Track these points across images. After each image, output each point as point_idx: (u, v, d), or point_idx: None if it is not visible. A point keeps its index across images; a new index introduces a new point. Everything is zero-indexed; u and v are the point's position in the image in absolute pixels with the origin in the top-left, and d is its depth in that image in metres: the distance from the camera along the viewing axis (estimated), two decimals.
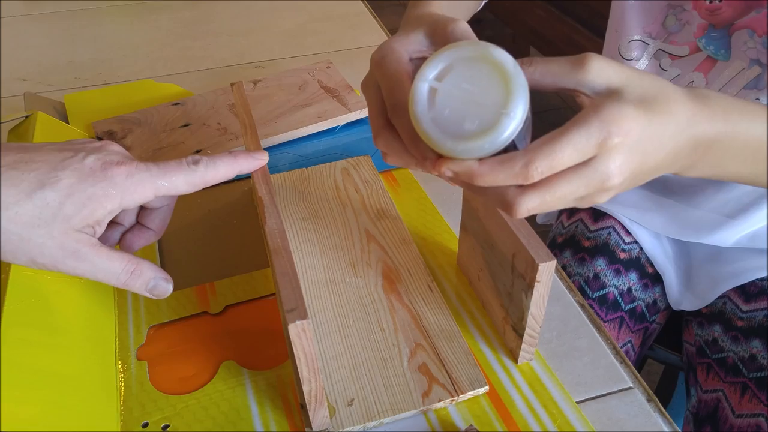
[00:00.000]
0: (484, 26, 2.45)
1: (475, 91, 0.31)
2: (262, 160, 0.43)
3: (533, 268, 0.40)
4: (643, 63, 0.67)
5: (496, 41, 0.33)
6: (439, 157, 0.34)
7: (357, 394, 0.44)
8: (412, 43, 0.39)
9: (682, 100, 0.35)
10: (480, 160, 0.32)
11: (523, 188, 0.33)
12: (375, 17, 1.03)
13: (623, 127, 0.32)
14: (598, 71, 0.33)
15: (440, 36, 0.38)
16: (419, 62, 0.37)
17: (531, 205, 0.33)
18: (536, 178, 0.32)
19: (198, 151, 0.67)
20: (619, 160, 0.33)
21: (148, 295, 0.38)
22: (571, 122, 0.32)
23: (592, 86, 0.34)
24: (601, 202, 0.35)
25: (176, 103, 0.75)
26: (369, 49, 0.92)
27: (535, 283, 0.40)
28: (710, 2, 0.59)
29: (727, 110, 0.37)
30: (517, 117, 0.31)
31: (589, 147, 0.32)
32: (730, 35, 0.60)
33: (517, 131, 0.31)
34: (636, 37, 0.66)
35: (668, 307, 0.76)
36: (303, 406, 0.41)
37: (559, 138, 0.31)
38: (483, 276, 0.49)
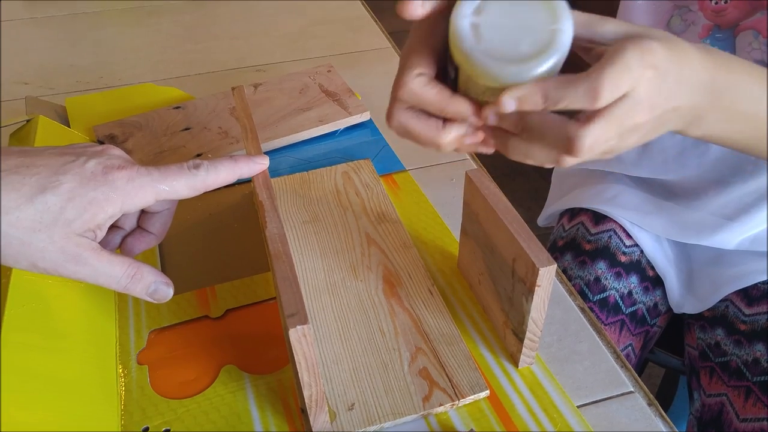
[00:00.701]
0: None
1: (519, 17, 0.31)
2: (262, 164, 0.43)
3: (534, 273, 0.40)
4: None
5: None
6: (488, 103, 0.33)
7: (358, 399, 0.44)
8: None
9: (693, 48, 0.36)
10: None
11: (587, 118, 0.32)
12: (376, 21, 1.03)
13: (657, 55, 0.32)
14: (617, 23, 0.34)
15: None
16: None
17: (597, 134, 0.32)
18: (606, 99, 0.31)
19: (199, 155, 0.67)
20: (653, 90, 0.33)
21: (148, 299, 0.38)
22: (612, 55, 0.31)
23: (614, 34, 0.34)
24: (631, 143, 0.34)
25: (177, 107, 0.75)
26: (370, 52, 0.92)
27: (536, 288, 0.40)
28: (716, 3, 0.60)
29: (731, 66, 0.38)
30: (569, 30, 0.31)
31: (638, 73, 0.31)
32: (734, 36, 0.60)
33: (569, 48, 0.31)
34: None
35: (669, 310, 0.75)
36: (304, 411, 0.41)
37: (615, 63, 0.31)
38: (483, 280, 0.49)
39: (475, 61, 0.31)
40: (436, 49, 0.34)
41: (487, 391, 0.44)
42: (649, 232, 0.74)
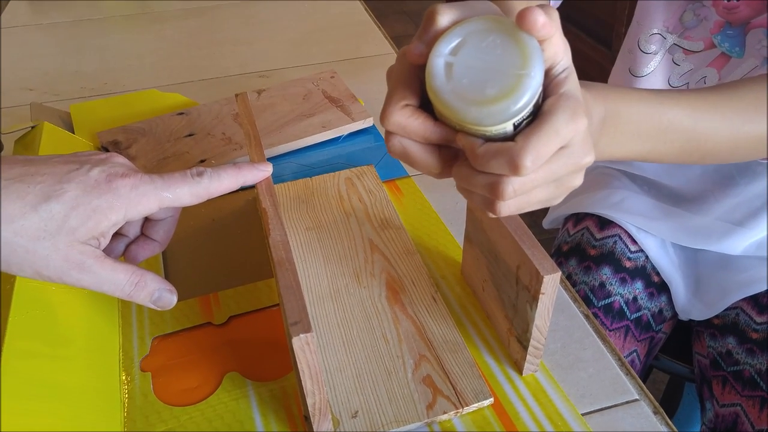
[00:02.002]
0: None
1: (492, 59, 0.32)
2: (266, 171, 0.43)
3: (538, 280, 0.39)
4: (658, 58, 0.67)
5: None
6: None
7: (361, 406, 0.44)
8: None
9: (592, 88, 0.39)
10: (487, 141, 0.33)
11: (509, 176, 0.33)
12: (379, 26, 1.03)
13: (587, 106, 0.33)
14: (563, 65, 0.34)
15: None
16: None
17: (522, 181, 0.33)
18: (529, 169, 0.31)
19: (202, 161, 0.67)
20: (587, 136, 0.34)
21: (152, 306, 0.38)
22: (551, 110, 0.32)
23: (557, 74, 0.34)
24: (578, 185, 0.35)
25: (181, 113, 0.75)
26: (372, 58, 0.93)
27: (540, 295, 0.40)
28: (728, 1, 0.60)
29: (606, 95, 0.41)
30: (536, 77, 0.31)
31: (569, 131, 0.32)
32: (745, 33, 0.60)
33: (537, 94, 0.31)
34: (655, 31, 0.67)
35: (674, 316, 0.75)
36: (307, 418, 0.41)
37: (546, 126, 0.32)
38: (487, 287, 0.49)
39: (443, 99, 0.32)
40: (420, 80, 0.35)
41: (491, 399, 0.44)
42: (655, 238, 0.74)
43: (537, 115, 0.32)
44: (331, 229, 0.58)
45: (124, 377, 0.47)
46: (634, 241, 0.74)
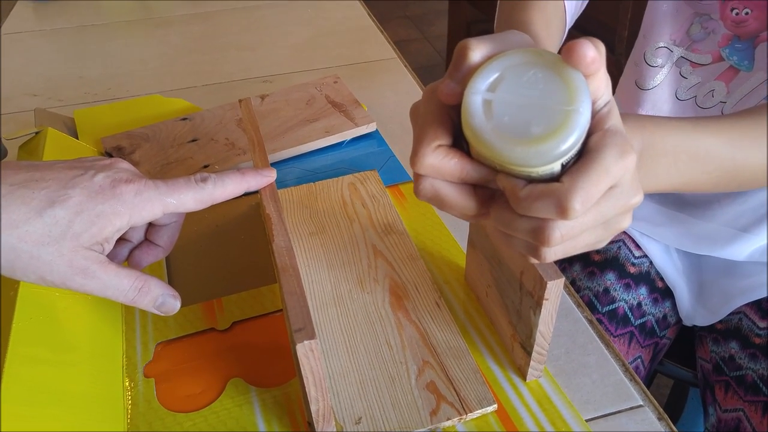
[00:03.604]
0: None
1: (534, 95, 0.30)
2: (270, 177, 0.43)
3: (541, 286, 0.39)
4: (665, 71, 0.67)
5: None
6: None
7: (365, 413, 0.44)
8: None
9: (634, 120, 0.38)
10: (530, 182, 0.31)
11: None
12: (381, 31, 1.03)
13: (633, 144, 0.32)
14: (605, 100, 0.32)
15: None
16: None
17: (570, 225, 0.30)
18: (578, 212, 0.29)
19: (206, 166, 0.67)
20: (636, 174, 0.32)
21: (156, 312, 0.38)
22: (598, 147, 0.30)
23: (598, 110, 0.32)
24: (626, 226, 0.33)
25: (184, 118, 0.75)
26: (375, 62, 0.93)
27: (544, 301, 0.40)
28: (736, 14, 0.60)
29: (643, 125, 0.39)
30: (585, 113, 0.29)
31: (618, 169, 0.30)
32: (754, 47, 0.60)
33: (586, 130, 0.30)
34: (662, 44, 0.67)
35: (678, 321, 0.75)
36: (311, 424, 0.41)
37: (595, 165, 0.29)
38: (491, 293, 0.49)
39: (483, 139, 0.30)
40: (452, 118, 0.33)
41: (495, 405, 0.44)
42: (659, 243, 0.74)
43: (582, 153, 0.30)
44: (335, 234, 0.58)
45: (127, 383, 0.47)
46: (639, 247, 0.74)
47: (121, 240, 0.41)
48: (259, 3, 1.14)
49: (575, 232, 0.30)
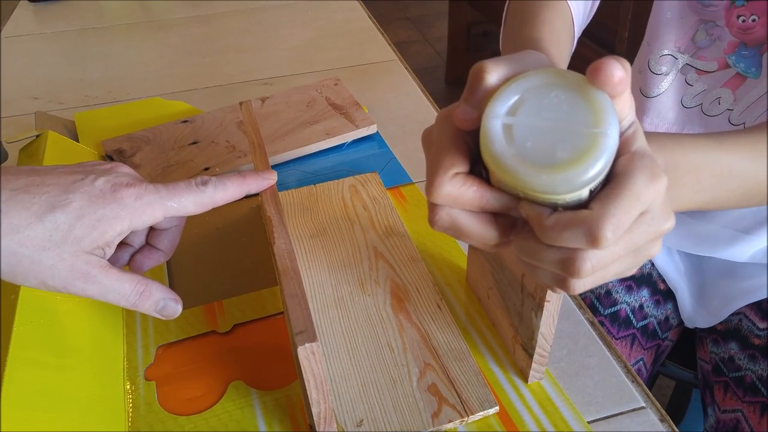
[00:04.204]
0: (491, 39, 2.47)
1: (558, 118, 0.28)
2: (270, 179, 0.43)
3: (543, 288, 0.39)
4: (670, 78, 0.67)
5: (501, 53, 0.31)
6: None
7: (366, 415, 0.43)
8: None
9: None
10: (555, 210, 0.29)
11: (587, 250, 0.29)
12: (382, 33, 1.03)
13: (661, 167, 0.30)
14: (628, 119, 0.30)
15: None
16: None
17: (601, 255, 0.29)
18: (610, 240, 0.27)
19: (206, 169, 0.68)
20: (667, 198, 0.30)
21: (157, 315, 0.38)
22: (627, 171, 0.29)
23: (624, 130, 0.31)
24: (656, 253, 0.32)
25: (185, 121, 0.75)
26: (376, 64, 0.93)
27: (545, 303, 0.40)
28: (742, 21, 0.59)
29: (664, 144, 0.38)
30: (613, 135, 0.27)
31: (650, 194, 0.28)
32: (761, 54, 0.60)
33: (614, 154, 0.28)
34: (666, 52, 0.66)
35: (680, 323, 0.75)
36: (312, 427, 0.41)
37: (625, 190, 0.28)
38: (492, 295, 0.49)
39: (505, 166, 0.28)
40: (468, 143, 0.31)
41: (497, 407, 0.44)
42: (662, 245, 0.74)
43: (610, 177, 0.29)
44: (336, 236, 0.58)
45: (128, 386, 0.47)
46: None
47: (122, 244, 0.41)
48: (259, 5, 1.14)
49: (606, 262, 0.29)
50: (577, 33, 0.58)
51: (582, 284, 0.30)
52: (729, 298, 0.68)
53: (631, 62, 0.75)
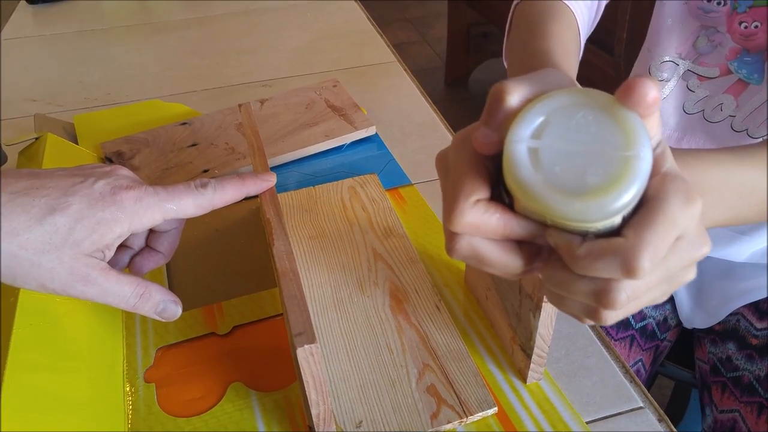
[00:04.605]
0: (490, 40, 2.47)
1: (586, 140, 0.26)
2: (270, 182, 0.43)
3: (541, 288, 0.39)
4: (671, 84, 0.67)
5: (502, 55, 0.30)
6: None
7: (365, 416, 0.44)
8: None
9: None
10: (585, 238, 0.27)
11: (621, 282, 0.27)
12: (381, 34, 1.04)
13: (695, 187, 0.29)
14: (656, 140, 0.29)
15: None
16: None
17: (636, 285, 0.27)
18: (647, 270, 0.26)
19: (205, 171, 0.68)
20: (701, 222, 0.29)
21: (157, 318, 0.39)
22: (660, 194, 0.27)
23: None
24: (690, 279, 0.30)
25: (184, 123, 0.76)
26: (375, 66, 0.93)
27: (543, 304, 0.40)
28: (745, 28, 0.59)
29: (686, 162, 0.37)
30: (646, 158, 0.26)
31: (685, 218, 0.27)
32: (764, 61, 0.59)
33: (648, 177, 0.26)
34: (667, 58, 0.66)
35: (679, 324, 0.75)
36: (311, 428, 0.41)
37: (660, 216, 0.26)
38: (491, 295, 0.49)
39: (533, 193, 0.27)
40: (487, 168, 0.30)
41: (495, 408, 0.44)
42: None
43: (642, 200, 0.27)
44: (335, 237, 0.59)
45: (128, 388, 0.47)
46: None
47: (122, 247, 0.41)
48: (258, 7, 1.14)
49: (641, 292, 0.28)
50: (583, 42, 0.58)
51: (614, 315, 0.29)
52: (727, 299, 0.68)
53: (631, 65, 0.75)
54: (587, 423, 0.44)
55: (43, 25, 1.11)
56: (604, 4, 0.62)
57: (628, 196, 0.26)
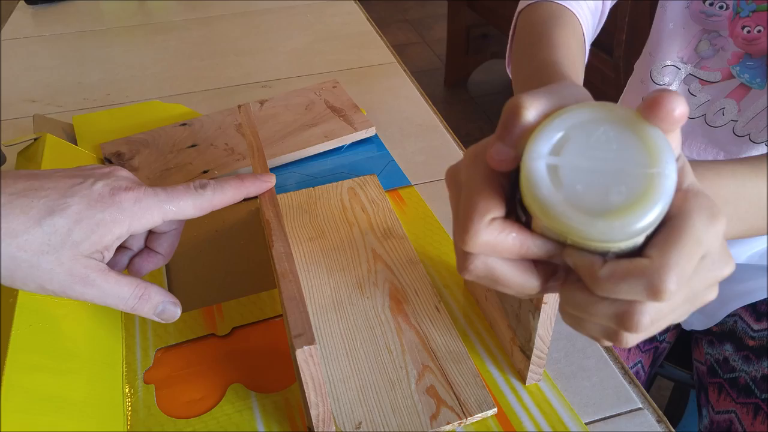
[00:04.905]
0: (489, 42, 2.47)
1: (609, 157, 0.26)
2: (269, 182, 0.43)
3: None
4: (673, 88, 0.66)
5: (503, 56, 0.29)
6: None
7: (365, 417, 0.44)
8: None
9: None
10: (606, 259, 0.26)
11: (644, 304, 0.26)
12: (380, 35, 1.04)
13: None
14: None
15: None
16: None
17: (659, 308, 0.26)
18: (673, 293, 0.25)
19: (205, 172, 0.68)
20: (725, 240, 0.28)
21: (156, 319, 0.39)
22: (684, 212, 0.26)
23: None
24: (712, 299, 0.29)
25: (183, 124, 0.76)
26: (375, 67, 0.93)
27: (542, 305, 0.40)
28: (747, 32, 0.59)
29: (702, 175, 0.37)
30: (671, 175, 0.25)
31: (710, 236, 0.26)
32: (767, 65, 0.59)
33: (673, 195, 0.25)
34: (669, 63, 0.66)
35: (677, 325, 0.75)
36: (311, 430, 0.41)
37: (685, 235, 0.25)
38: (490, 296, 0.49)
39: (554, 212, 0.26)
40: (502, 185, 0.29)
41: (495, 409, 0.44)
42: None
43: (665, 218, 0.26)
44: (334, 238, 0.59)
45: (127, 389, 0.47)
46: None
47: (121, 248, 0.41)
48: (258, 8, 1.14)
49: (664, 314, 0.27)
50: (587, 47, 0.58)
51: (635, 338, 0.28)
52: (725, 300, 0.68)
53: (630, 66, 0.75)
54: (586, 424, 0.44)
55: (42, 26, 1.11)
56: (609, 4, 0.62)
57: (653, 215, 0.25)
